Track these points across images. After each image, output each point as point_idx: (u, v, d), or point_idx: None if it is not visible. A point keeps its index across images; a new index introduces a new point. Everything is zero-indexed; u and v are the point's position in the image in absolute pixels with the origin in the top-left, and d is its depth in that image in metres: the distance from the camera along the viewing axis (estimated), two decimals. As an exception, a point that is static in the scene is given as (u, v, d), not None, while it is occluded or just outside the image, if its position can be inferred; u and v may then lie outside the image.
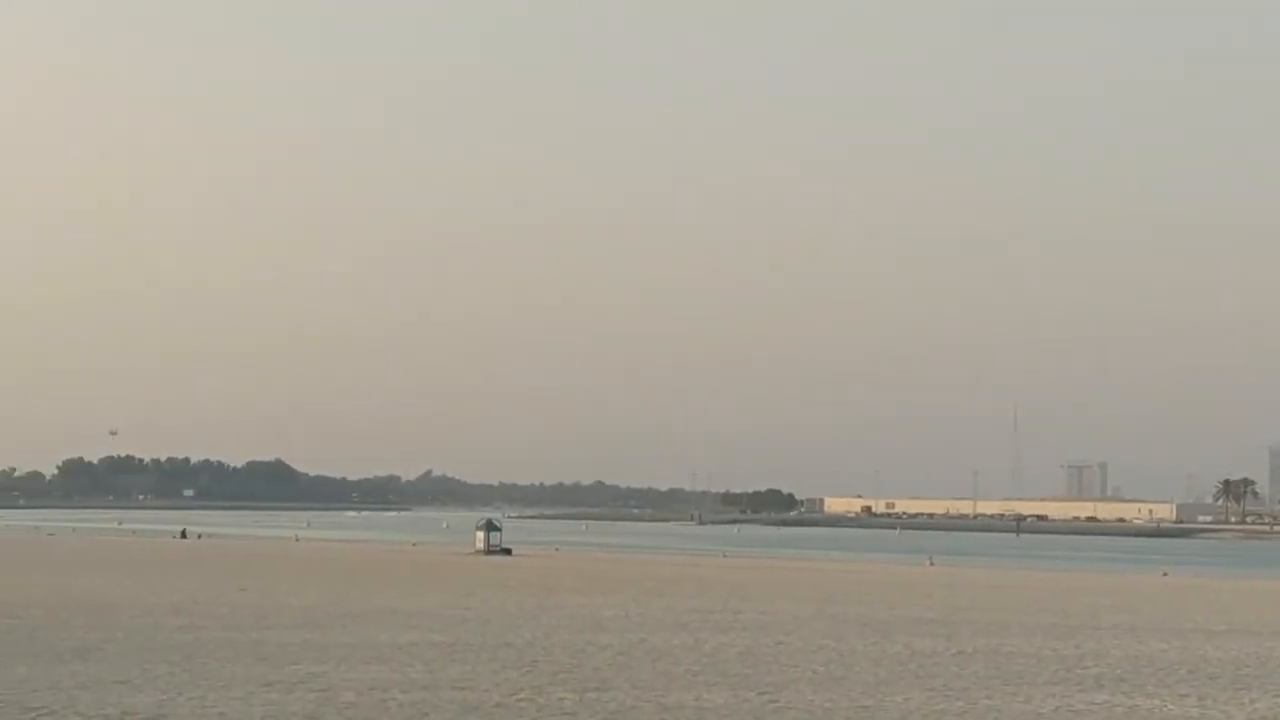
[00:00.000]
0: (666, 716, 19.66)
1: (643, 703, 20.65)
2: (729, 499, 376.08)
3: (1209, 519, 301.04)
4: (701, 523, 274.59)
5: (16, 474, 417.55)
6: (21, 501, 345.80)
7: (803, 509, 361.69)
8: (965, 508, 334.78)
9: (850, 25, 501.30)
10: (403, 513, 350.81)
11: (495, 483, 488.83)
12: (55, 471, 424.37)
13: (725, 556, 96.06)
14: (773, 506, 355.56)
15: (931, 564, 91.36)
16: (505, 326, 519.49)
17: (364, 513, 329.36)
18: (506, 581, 52.42)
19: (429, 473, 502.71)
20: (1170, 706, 21.64)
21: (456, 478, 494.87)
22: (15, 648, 25.71)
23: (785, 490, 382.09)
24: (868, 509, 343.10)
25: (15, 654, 24.67)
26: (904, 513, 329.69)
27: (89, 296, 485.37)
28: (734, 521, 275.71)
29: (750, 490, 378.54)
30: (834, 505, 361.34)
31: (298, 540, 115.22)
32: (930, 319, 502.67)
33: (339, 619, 33.88)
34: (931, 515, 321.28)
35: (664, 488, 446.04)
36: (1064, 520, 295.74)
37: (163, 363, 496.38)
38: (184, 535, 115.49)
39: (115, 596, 39.96)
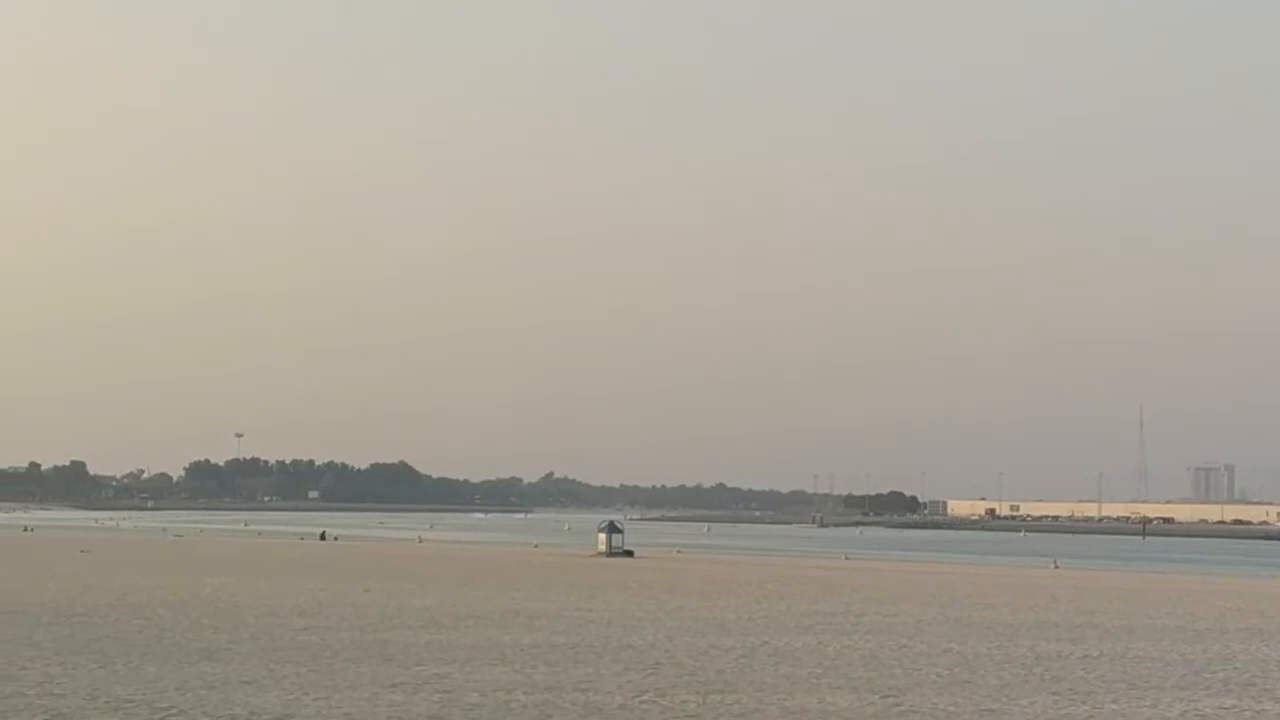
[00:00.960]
0: (790, 719, 19.61)
1: (766, 705, 20.59)
2: (851, 501, 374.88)
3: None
4: (823, 525, 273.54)
5: (145, 476, 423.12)
6: (150, 503, 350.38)
7: (926, 511, 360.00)
8: (1090, 510, 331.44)
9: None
10: (525, 515, 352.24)
11: (617, 485, 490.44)
12: (182, 473, 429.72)
13: (847, 559, 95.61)
14: (895, 509, 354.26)
15: (1056, 567, 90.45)
16: (626, 329, 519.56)
17: (491, 514, 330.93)
18: (628, 583, 52.43)
19: (550, 475, 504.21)
20: (1301, 712, 21.34)
21: (578, 480, 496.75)
22: (145, 648, 26.01)
23: (908, 493, 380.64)
24: (991, 511, 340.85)
25: (145, 654, 24.95)
26: (1028, 515, 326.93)
27: (215, 299, 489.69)
28: (856, 524, 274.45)
29: (873, 493, 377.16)
30: (957, 508, 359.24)
31: (421, 542, 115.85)
32: (1054, 319, 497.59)
33: (462, 620, 34.03)
34: (1056, 518, 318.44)
35: (785, 490, 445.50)
36: (1190, 523, 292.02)
37: (288, 366, 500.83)
38: (323, 537, 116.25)
39: (241, 598, 40.32)
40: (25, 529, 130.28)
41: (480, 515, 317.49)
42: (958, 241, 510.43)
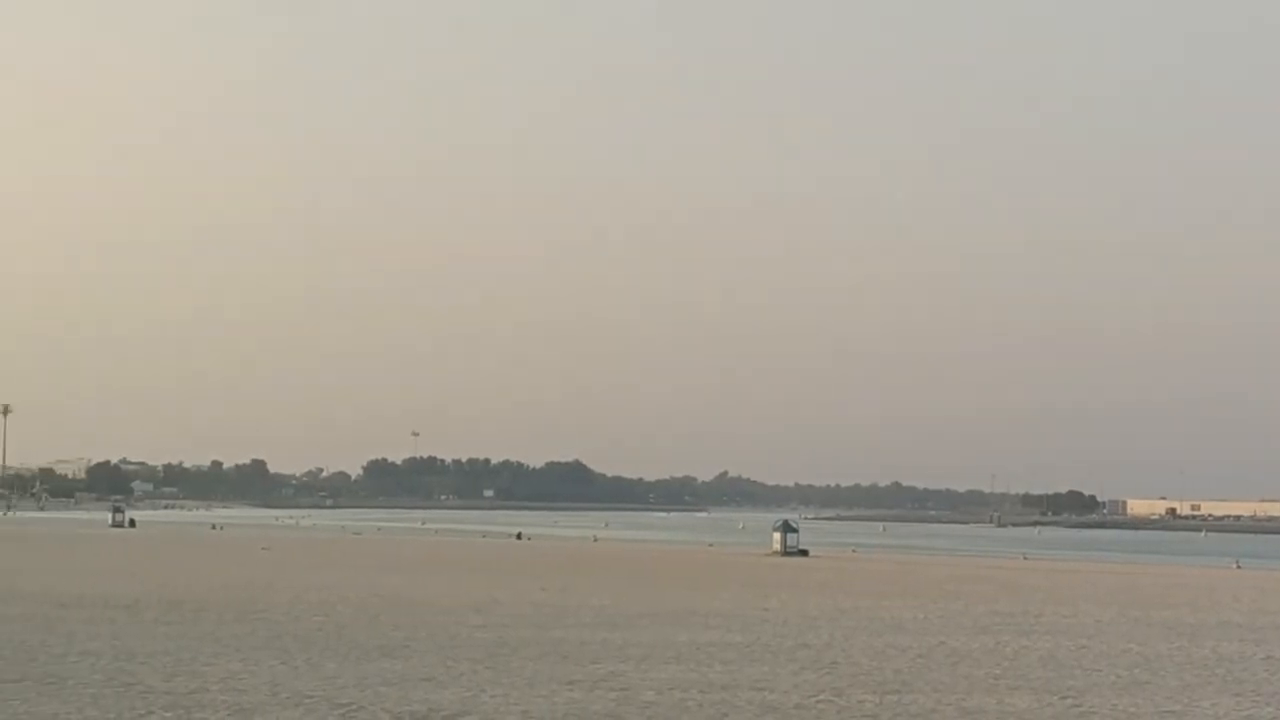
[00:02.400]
0: (968, 720, 19.49)
1: (943, 706, 20.44)
2: (1029, 501, 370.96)
3: None
4: (1000, 525, 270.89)
5: (323, 475, 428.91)
6: (329, 501, 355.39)
7: (1104, 511, 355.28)
8: (1275, 510, 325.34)
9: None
10: (699, 514, 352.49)
11: (791, 484, 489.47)
12: (360, 472, 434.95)
13: (1025, 559, 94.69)
14: (1073, 508, 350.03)
15: (1238, 567, 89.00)
16: (805, 326, 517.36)
17: (672, 514, 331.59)
18: (804, 583, 52.33)
19: (725, 474, 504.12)
20: None
21: (753, 479, 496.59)
22: (324, 645, 26.32)
23: (1086, 492, 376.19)
24: (1172, 510, 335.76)
25: (325, 651, 25.25)
26: (1210, 515, 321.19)
27: (391, 304, 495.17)
28: (1034, 524, 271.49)
29: (1050, 492, 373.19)
30: (1136, 507, 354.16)
31: (596, 540, 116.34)
32: (1232, 305, 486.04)
33: (637, 618, 34.11)
34: (1239, 517, 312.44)
35: (962, 489, 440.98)
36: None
37: (463, 365, 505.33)
38: (519, 537, 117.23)
39: (419, 595, 40.72)
40: (214, 527, 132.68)
41: (661, 514, 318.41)
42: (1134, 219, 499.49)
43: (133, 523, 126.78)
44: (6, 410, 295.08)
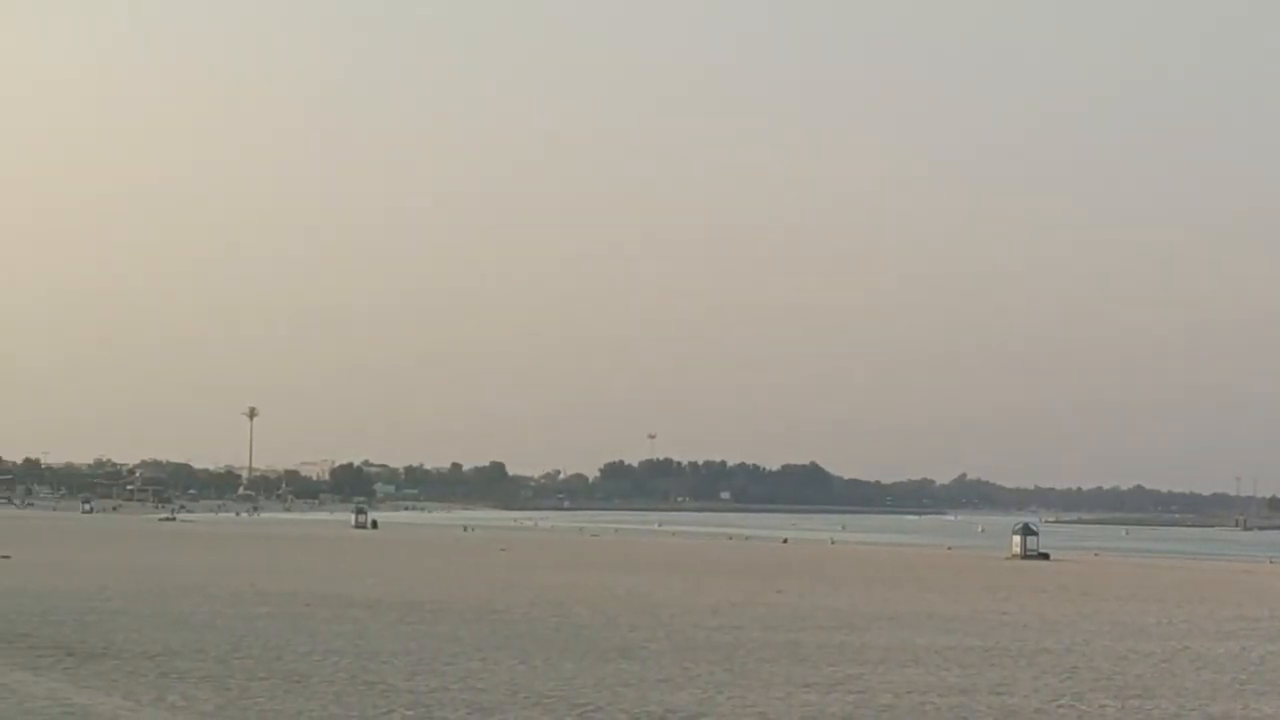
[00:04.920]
0: (1215, 727, 19.12)
1: (1187, 711, 20.08)
2: (1276, 504, 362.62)
3: None
4: (1246, 528, 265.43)
5: (561, 477, 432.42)
6: (566, 503, 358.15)
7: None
8: None
9: None
10: (942, 517, 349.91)
11: (1030, 486, 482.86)
12: (597, 474, 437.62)
13: (1272, 563, 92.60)
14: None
15: None
16: (1050, 330, 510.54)
17: (919, 518, 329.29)
18: (1044, 586, 51.69)
19: (963, 476, 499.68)
20: None
21: (991, 481, 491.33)
22: (563, 645, 26.53)
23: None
24: None
25: (563, 651, 25.45)
26: None
27: (627, 313, 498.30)
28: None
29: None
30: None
31: (832, 543, 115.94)
32: None
33: (874, 621, 33.94)
34: None
35: (1206, 492, 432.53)
36: None
37: (701, 368, 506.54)
38: (785, 542, 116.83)
39: (655, 596, 40.88)
40: (465, 529, 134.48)
41: (913, 518, 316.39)
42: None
43: (375, 524, 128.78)
44: (253, 413, 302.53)
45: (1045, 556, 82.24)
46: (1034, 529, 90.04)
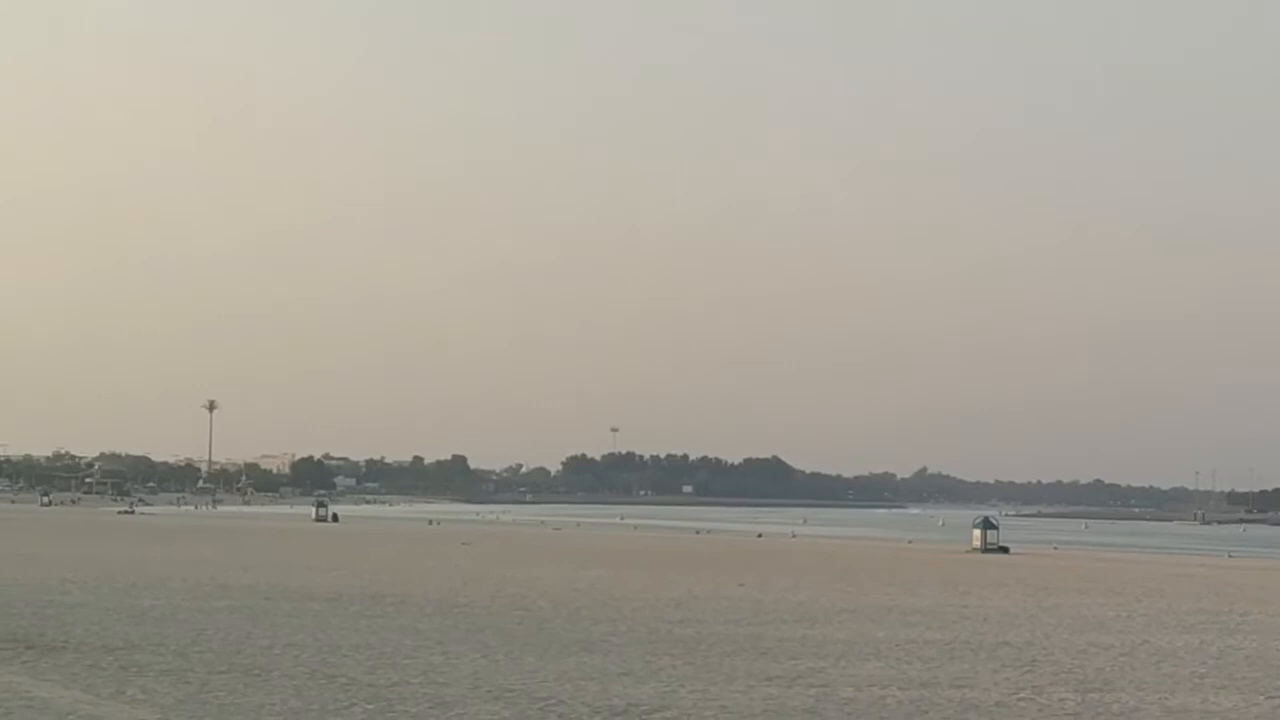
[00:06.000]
0: (1171, 719, 19.18)
1: (1147, 705, 20.17)
2: (1234, 498, 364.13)
3: None
4: (1205, 522, 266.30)
5: (523, 470, 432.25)
6: (528, 496, 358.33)
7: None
8: None
9: None
10: (900, 511, 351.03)
11: (991, 480, 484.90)
12: (559, 468, 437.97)
13: (1230, 556, 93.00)
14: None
15: None
16: (1009, 326, 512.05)
17: (885, 511, 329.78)
18: (1004, 580, 51.83)
19: (924, 470, 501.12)
20: None
21: (952, 475, 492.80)
22: (525, 639, 26.52)
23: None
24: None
25: (525, 645, 25.44)
26: None
27: (599, 299, 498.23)
28: (1239, 521, 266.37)
29: (1257, 489, 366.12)
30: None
31: (794, 536, 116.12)
32: None
33: (835, 615, 34.00)
34: None
35: (1166, 486, 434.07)
36: None
37: (663, 362, 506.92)
38: (760, 536, 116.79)
39: (618, 590, 40.88)
40: (431, 522, 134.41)
41: (890, 511, 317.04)
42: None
43: (335, 517, 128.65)
44: (213, 406, 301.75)
45: (1005, 550, 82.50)
46: (994, 523, 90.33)
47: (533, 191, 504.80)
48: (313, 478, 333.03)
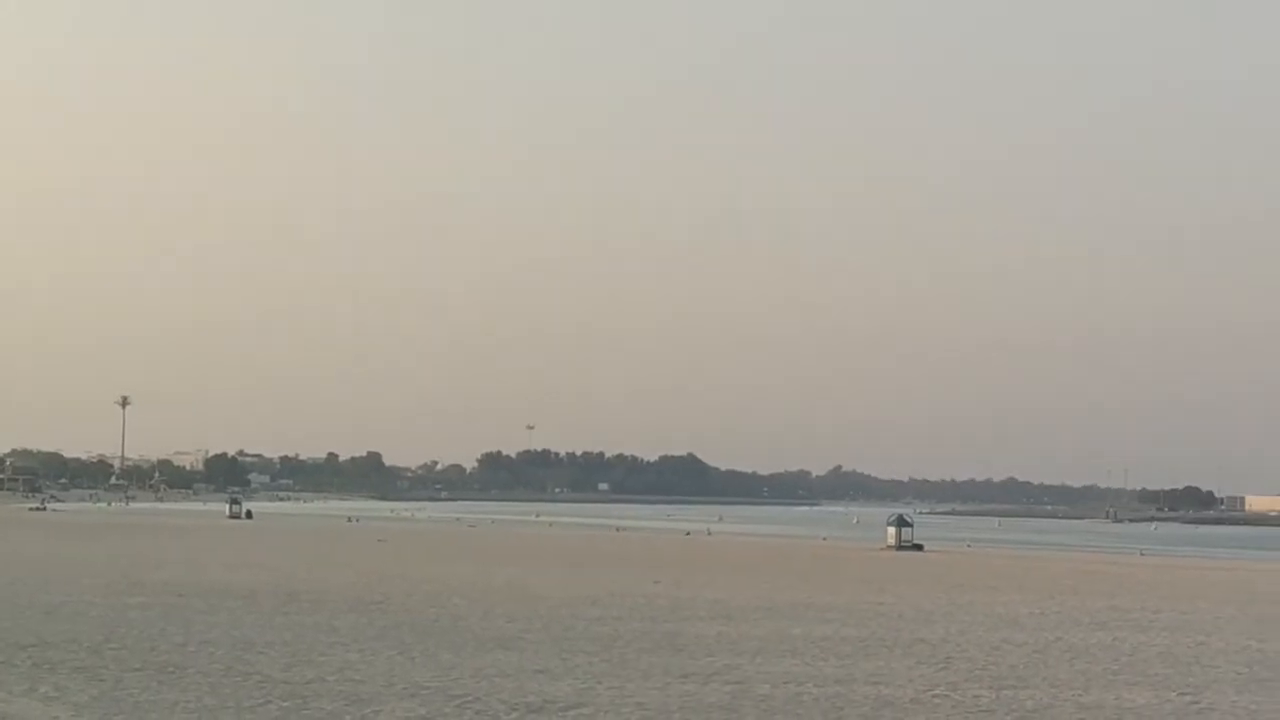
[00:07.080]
0: (1085, 715, 19.32)
1: (1060, 701, 20.32)
2: (1145, 496, 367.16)
3: None
4: (1116, 520, 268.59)
5: (438, 467, 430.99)
6: (444, 494, 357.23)
7: (1223, 507, 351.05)
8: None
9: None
10: (814, 508, 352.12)
11: (905, 478, 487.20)
12: (475, 465, 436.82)
13: (1142, 555, 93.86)
14: (1191, 504, 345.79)
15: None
16: (911, 323, 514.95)
17: (800, 508, 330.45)
18: (919, 577, 52.10)
19: (838, 468, 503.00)
20: None
21: (866, 473, 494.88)
22: (440, 636, 26.48)
23: (1204, 488, 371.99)
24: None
25: (440, 642, 25.40)
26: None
27: (508, 302, 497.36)
28: (1150, 519, 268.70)
29: (1167, 488, 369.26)
30: (1256, 504, 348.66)
31: (710, 534, 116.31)
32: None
33: (751, 612, 34.07)
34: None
35: (1078, 484, 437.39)
36: None
37: (576, 359, 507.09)
38: (688, 534, 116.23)
39: (533, 588, 40.83)
40: (349, 519, 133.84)
41: (805, 509, 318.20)
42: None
43: (250, 514, 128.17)
44: (125, 402, 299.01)
45: (919, 548, 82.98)
46: (908, 520, 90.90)
47: (441, 188, 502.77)
48: (227, 475, 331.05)
